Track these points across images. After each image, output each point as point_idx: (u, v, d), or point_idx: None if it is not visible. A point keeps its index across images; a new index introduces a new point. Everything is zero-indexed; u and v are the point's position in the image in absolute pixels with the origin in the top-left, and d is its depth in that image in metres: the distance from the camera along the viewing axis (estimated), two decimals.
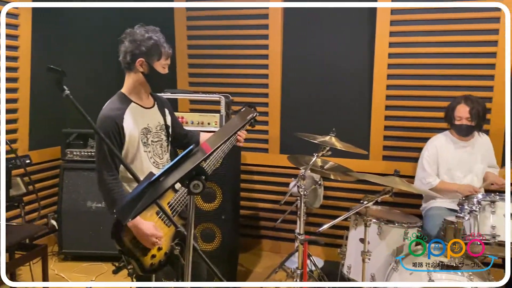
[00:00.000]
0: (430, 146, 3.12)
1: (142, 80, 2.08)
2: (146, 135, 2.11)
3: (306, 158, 3.08)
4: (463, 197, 2.54)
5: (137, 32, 2.04)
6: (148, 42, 2.01)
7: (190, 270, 1.26)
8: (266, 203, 4.00)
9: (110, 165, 1.96)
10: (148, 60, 2.03)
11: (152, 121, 2.16)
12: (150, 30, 2.05)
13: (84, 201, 3.61)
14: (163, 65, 2.08)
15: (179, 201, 2.05)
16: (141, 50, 2.01)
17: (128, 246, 1.93)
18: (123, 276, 3.27)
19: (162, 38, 2.07)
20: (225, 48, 3.92)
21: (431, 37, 3.41)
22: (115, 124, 1.98)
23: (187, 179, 1.17)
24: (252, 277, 3.54)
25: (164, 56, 2.07)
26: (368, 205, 2.48)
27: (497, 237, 2.32)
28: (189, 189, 1.17)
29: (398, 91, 3.54)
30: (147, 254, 1.95)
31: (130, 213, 1.15)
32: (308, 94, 3.79)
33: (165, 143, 2.24)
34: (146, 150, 2.09)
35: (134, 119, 2.04)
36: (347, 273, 2.91)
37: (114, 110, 2.01)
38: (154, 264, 1.97)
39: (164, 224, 2.01)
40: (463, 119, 2.97)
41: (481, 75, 3.34)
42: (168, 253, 1.98)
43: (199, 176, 1.17)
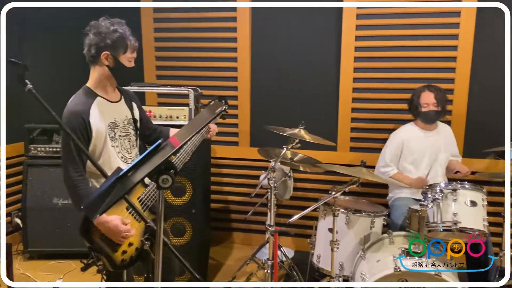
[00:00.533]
0: (394, 138, 3.21)
1: (107, 74, 2.04)
2: (114, 129, 2.07)
3: (276, 150, 3.11)
4: (427, 186, 2.63)
5: (102, 24, 2.00)
6: (114, 34, 1.98)
7: (160, 265, 1.26)
8: (237, 196, 4.02)
9: (77, 161, 1.92)
10: (113, 53, 2.00)
11: (119, 115, 2.13)
12: (116, 23, 2.01)
13: (50, 198, 3.52)
14: (129, 58, 2.05)
15: (149, 195, 2.03)
16: (106, 43, 1.97)
17: (97, 243, 1.90)
18: (92, 273, 3.23)
19: (128, 31, 2.04)
20: (193, 40, 3.88)
21: (396, 31, 3.49)
22: (81, 119, 1.93)
23: (156, 174, 1.16)
24: (223, 270, 3.55)
25: (130, 49, 2.03)
26: (336, 196, 2.53)
27: (458, 224, 2.41)
28: (158, 184, 1.17)
29: (364, 83, 3.62)
30: (118, 250, 1.92)
31: (98, 209, 1.14)
32: (277, 87, 3.81)
33: (133, 137, 2.21)
34: (113, 145, 2.06)
35: (100, 113, 2.00)
36: (316, 262, 2.97)
37: (80, 105, 1.97)
38: (126, 260, 1.95)
39: (135, 220, 1.99)
40: (430, 105, 3.06)
41: (444, 68, 3.45)
42: (139, 248, 1.97)
43: (168, 171, 1.17)
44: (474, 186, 2.55)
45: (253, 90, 3.86)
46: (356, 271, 2.64)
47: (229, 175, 4.01)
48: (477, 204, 2.48)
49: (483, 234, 2.46)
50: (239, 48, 3.79)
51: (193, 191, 3.03)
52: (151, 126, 2.39)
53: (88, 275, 2.31)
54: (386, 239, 2.68)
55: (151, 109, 2.99)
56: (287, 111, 3.79)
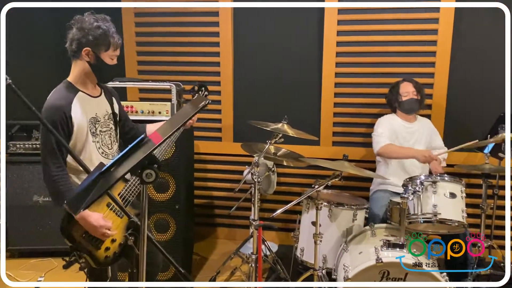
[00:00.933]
0: (383, 119, 3.25)
1: (88, 70, 2.02)
2: (95, 124, 2.06)
3: (259, 145, 3.11)
4: (407, 179, 2.67)
5: (85, 20, 1.97)
6: (96, 31, 1.94)
7: (145, 260, 1.26)
8: (221, 191, 4.02)
9: (57, 157, 1.90)
10: (95, 50, 1.97)
11: (100, 110, 2.11)
12: (100, 19, 1.98)
13: (30, 196, 3.47)
14: (111, 56, 2.03)
15: (130, 191, 2.02)
16: (88, 39, 1.95)
17: (79, 241, 1.89)
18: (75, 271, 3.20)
19: (112, 28, 2.01)
20: (175, 35, 3.85)
21: (376, 26, 3.53)
22: (63, 114, 1.91)
23: (139, 169, 1.16)
24: (207, 265, 3.56)
25: (112, 47, 2.00)
26: (319, 189, 2.55)
27: (438, 215, 2.46)
28: (142, 179, 1.16)
29: (346, 78, 3.65)
30: (101, 247, 1.92)
31: (81, 204, 1.13)
32: (260, 82, 3.82)
33: (114, 132, 2.19)
34: (94, 140, 2.04)
35: (82, 108, 1.98)
36: (300, 255, 2.99)
37: (61, 100, 1.94)
38: (109, 256, 1.94)
39: (116, 216, 1.98)
40: (410, 93, 3.12)
41: (423, 62, 3.51)
42: (122, 244, 1.96)
43: (151, 165, 1.16)
44: (453, 178, 2.61)
45: (236, 85, 3.85)
46: (339, 264, 2.67)
47: (213, 170, 4.00)
48: (456, 196, 2.54)
49: (462, 226, 2.52)
50: (222, 42, 3.78)
51: (176, 186, 3.02)
52: (129, 124, 2.37)
53: (70, 273, 2.29)
54: (368, 231, 2.73)
55: (133, 105, 2.96)
56: (270, 106, 3.80)
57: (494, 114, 3.27)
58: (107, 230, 1.86)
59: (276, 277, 3.17)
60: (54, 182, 1.88)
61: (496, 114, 3.26)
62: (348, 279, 2.31)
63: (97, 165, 1.33)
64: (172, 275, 3.04)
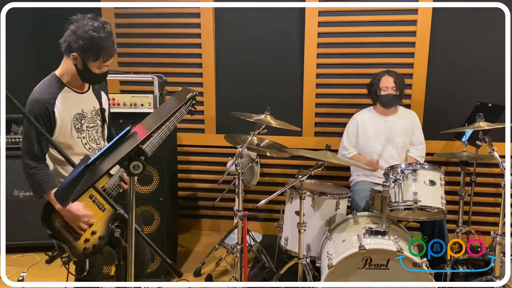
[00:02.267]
0: (351, 121, 3.33)
1: (74, 72, 1.98)
2: (80, 120, 2.04)
3: (243, 136, 3.13)
4: (388, 167, 2.73)
5: (82, 24, 1.90)
6: (88, 40, 1.88)
7: (133, 252, 1.27)
8: (204, 183, 4.02)
9: (35, 149, 1.90)
10: (83, 57, 1.92)
11: (87, 106, 2.09)
12: (97, 28, 1.89)
13: (10, 190, 3.40)
14: (99, 66, 1.95)
15: (113, 186, 2.02)
16: (78, 45, 1.88)
17: (59, 230, 1.91)
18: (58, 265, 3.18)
19: (107, 38, 1.91)
20: (155, 26, 3.81)
21: (357, 17, 3.56)
22: (45, 108, 1.90)
23: (126, 160, 1.16)
24: (192, 257, 3.57)
25: (102, 58, 1.93)
26: (302, 179, 2.59)
27: (418, 202, 2.53)
28: (129, 170, 1.17)
29: (327, 69, 3.68)
30: (80, 238, 1.93)
31: (69, 196, 1.13)
32: (242, 74, 3.81)
33: (101, 128, 2.17)
34: (80, 136, 2.04)
35: (66, 104, 1.97)
36: (284, 245, 3.03)
37: (45, 94, 1.93)
38: (88, 248, 1.95)
39: (98, 208, 1.99)
40: (389, 89, 3.16)
41: (403, 53, 3.56)
42: (103, 237, 1.97)
43: (138, 157, 1.17)
44: (433, 166, 2.68)
45: (218, 76, 3.84)
46: (322, 252, 2.72)
47: (196, 162, 4.00)
48: (435, 183, 2.60)
49: (441, 212, 2.59)
50: (203, 34, 3.76)
51: (160, 179, 3.02)
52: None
53: (53, 267, 2.28)
54: (350, 219, 2.78)
55: (115, 97, 2.92)
56: (252, 97, 3.80)
57: (471, 103, 3.36)
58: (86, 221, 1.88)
59: (261, 267, 3.21)
60: (32, 174, 1.89)
61: (473, 103, 3.35)
62: (332, 267, 2.36)
63: (82, 158, 1.32)
64: (158, 267, 3.05)
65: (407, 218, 2.85)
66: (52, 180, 1.93)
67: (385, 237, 2.45)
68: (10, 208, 3.39)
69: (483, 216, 3.57)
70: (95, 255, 2.04)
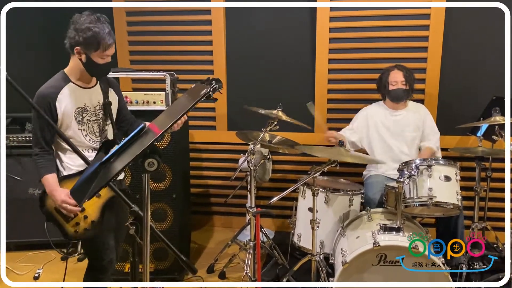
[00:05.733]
0: (361, 113, 3.30)
1: (80, 67, 2.11)
2: (82, 114, 2.16)
3: (254, 133, 3.12)
4: (403, 163, 2.70)
5: (80, 20, 2.04)
6: (87, 33, 2.01)
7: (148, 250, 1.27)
8: (216, 180, 4.03)
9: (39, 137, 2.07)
10: (85, 50, 2.05)
11: (91, 100, 2.20)
12: (94, 20, 2.04)
13: (25, 188, 3.45)
14: (101, 56, 2.08)
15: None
16: (79, 39, 2.02)
17: (51, 212, 2.09)
18: (73, 262, 3.21)
19: (104, 29, 2.04)
20: (167, 24, 3.82)
21: (369, 11, 3.52)
22: (47, 102, 2.04)
23: (141, 158, 1.16)
24: (205, 253, 3.59)
25: (101, 48, 2.05)
26: (315, 176, 2.57)
27: (433, 198, 2.49)
28: (144, 167, 1.17)
29: (339, 64, 3.65)
30: (70, 221, 2.08)
31: (85, 194, 1.14)
32: (253, 70, 3.80)
33: (103, 121, 2.26)
34: (80, 128, 2.16)
35: (69, 98, 2.10)
36: (297, 241, 3.03)
37: (50, 88, 2.07)
38: (78, 232, 2.10)
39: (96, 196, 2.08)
40: (398, 83, 3.12)
41: (416, 47, 3.51)
42: (95, 222, 2.11)
43: (153, 154, 1.17)
44: (448, 161, 2.64)
45: (229, 73, 3.84)
46: (336, 248, 2.71)
47: (208, 159, 4.01)
48: (451, 179, 2.57)
49: (457, 208, 2.56)
50: (214, 30, 3.75)
51: (173, 176, 3.02)
52: (128, 118, 2.45)
53: (69, 264, 2.32)
54: (364, 216, 2.76)
55: (127, 95, 2.93)
56: (263, 94, 3.79)
57: (486, 98, 3.30)
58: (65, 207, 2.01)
59: (274, 263, 3.21)
60: (35, 160, 2.09)
61: (488, 97, 3.29)
62: (346, 264, 2.34)
63: (96, 155, 1.33)
64: (171, 264, 3.07)
65: (422, 214, 2.82)
66: (51, 166, 2.10)
67: (399, 234, 2.43)
68: (25, 205, 3.43)
69: (499, 212, 3.51)
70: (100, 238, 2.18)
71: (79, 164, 2.12)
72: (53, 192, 2.04)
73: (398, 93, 3.14)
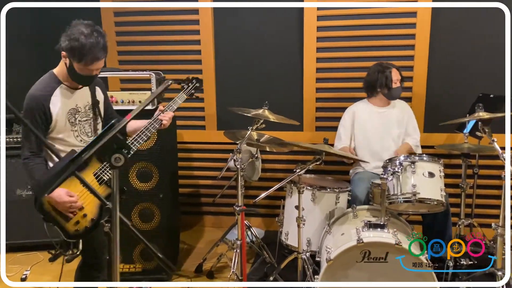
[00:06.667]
0: (348, 113, 3.30)
1: (65, 70, 2.09)
2: (74, 115, 2.16)
3: (242, 132, 3.12)
4: (387, 160, 2.70)
5: (75, 27, 2.01)
6: (74, 42, 1.98)
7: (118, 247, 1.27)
8: (207, 179, 4.02)
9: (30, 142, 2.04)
10: (69, 57, 2.03)
11: (81, 101, 2.20)
12: (85, 33, 1.98)
13: (13, 190, 3.44)
14: (83, 69, 2.03)
15: (105, 170, 2.13)
16: (65, 44, 2.01)
17: (49, 212, 2.04)
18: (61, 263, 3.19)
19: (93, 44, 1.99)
20: (155, 24, 3.82)
21: (356, 10, 3.53)
22: (41, 104, 2.03)
23: (108, 153, 1.16)
24: (194, 253, 3.58)
25: (84, 61, 2.01)
26: (300, 173, 2.57)
27: (417, 195, 2.50)
28: (111, 163, 1.17)
29: (327, 63, 3.66)
30: (69, 221, 2.06)
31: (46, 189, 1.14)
32: (242, 70, 3.81)
33: (94, 121, 2.26)
34: (73, 129, 2.16)
35: (61, 100, 2.09)
36: (285, 240, 3.03)
37: (42, 91, 2.06)
38: (79, 230, 2.08)
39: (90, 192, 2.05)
40: (398, 82, 3.15)
41: (403, 45, 3.52)
42: (95, 220, 2.11)
43: (120, 150, 1.17)
44: (432, 158, 2.64)
45: (218, 73, 3.84)
46: (322, 246, 2.71)
47: (198, 159, 4.01)
48: (434, 175, 2.57)
49: (441, 204, 2.56)
50: (202, 30, 3.76)
51: (159, 176, 3.02)
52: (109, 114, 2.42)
53: (57, 266, 2.31)
54: (350, 213, 2.76)
55: (113, 94, 2.93)
56: (252, 93, 3.79)
57: (474, 95, 3.31)
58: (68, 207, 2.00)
59: (261, 262, 3.21)
60: (25, 164, 2.06)
61: (476, 95, 3.30)
62: (330, 260, 2.34)
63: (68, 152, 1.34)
64: (158, 264, 3.05)
65: (407, 211, 2.82)
66: (44, 168, 2.06)
67: (384, 230, 2.42)
68: (13, 207, 3.42)
69: (486, 209, 3.52)
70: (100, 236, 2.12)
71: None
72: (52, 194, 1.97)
73: (398, 91, 3.17)
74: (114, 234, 1.23)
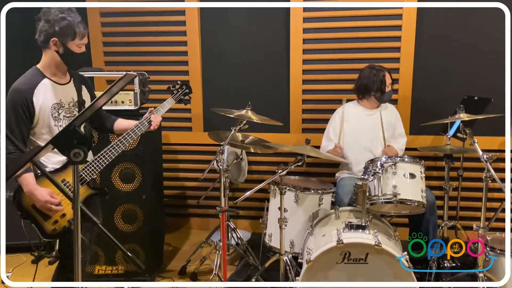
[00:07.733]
0: (337, 113, 3.28)
1: (57, 59, 2.10)
2: (58, 110, 2.16)
3: (227, 133, 3.10)
4: (369, 161, 2.69)
5: (51, 12, 2.06)
6: (62, 22, 2.03)
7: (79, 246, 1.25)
8: (193, 181, 4.00)
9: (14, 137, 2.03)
10: (61, 40, 2.05)
11: (65, 97, 2.20)
12: (65, 10, 2.07)
13: None
14: (78, 44, 2.10)
15: (88, 171, 2.14)
16: (54, 30, 2.03)
17: (27, 210, 2.05)
18: (44, 265, 3.16)
19: (77, 18, 2.09)
20: (141, 25, 3.81)
21: (342, 12, 3.53)
22: (24, 98, 2.02)
23: (67, 148, 1.15)
24: (179, 255, 3.55)
25: (78, 36, 2.08)
26: (282, 174, 2.56)
27: (398, 196, 2.49)
28: (70, 158, 1.16)
29: (313, 65, 3.65)
30: (48, 220, 2.07)
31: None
32: (229, 71, 3.80)
33: None
34: (56, 124, 2.15)
35: (45, 94, 2.09)
36: (268, 241, 3.00)
37: (25, 84, 2.06)
38: (57, 230, 2.09)
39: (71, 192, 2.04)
40: (389, 85, 3.15)
41: (389, 47, 3.52)
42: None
43: (80, 145, 1.15)
44: (413, 159, 2.64)
45: (205, 74, 3.83)
46: (304, 247, 2.69)
47: (184, 160, 3.99)
48: (415, 176, 2.57)
49: (421, 206, 2.55)
50: (188, 31, 3.75)
51: (142, 177, 3.00)
52: (101, 113, 2.45)
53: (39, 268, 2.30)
54: (332, 214, 2.75)
55: (96, 95, 2.92)
56: (238, 94, 3.78)
57: (459, 97, 3.31)
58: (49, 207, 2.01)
59: (245, 264, 3.19)
60: (7, 158, 2.01)
61: (461, 96, 3.30)
62: (310, 262, 2.32)
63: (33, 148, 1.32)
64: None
65: (389, 213, 2.81)
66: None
67: (365, 231, 2.41)
68: None
69: (471, 211, 3.51)
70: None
71: (54, 161, 2.11)
72: (34, 191, 2.01)
73: (390, 95, 3.18)
74: (75, 232, 1.21)
